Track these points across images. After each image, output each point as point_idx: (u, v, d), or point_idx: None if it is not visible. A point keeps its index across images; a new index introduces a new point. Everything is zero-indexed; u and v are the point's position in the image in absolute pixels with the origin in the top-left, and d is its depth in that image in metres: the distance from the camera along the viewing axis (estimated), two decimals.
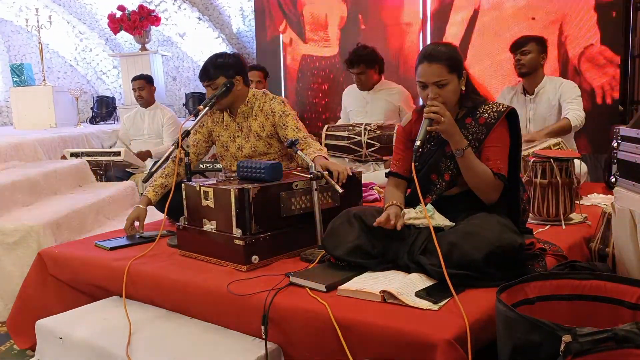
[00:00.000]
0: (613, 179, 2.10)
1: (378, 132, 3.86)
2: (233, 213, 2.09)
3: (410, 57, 4.89)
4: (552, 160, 2.55)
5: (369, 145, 3.85)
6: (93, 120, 6.92)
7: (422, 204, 1.91)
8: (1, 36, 7.65)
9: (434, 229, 1.86)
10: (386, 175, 2.21)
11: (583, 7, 4.12)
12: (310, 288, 1.82)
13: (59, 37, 7.39)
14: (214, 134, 2.88)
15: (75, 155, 4.53)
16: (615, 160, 2.09)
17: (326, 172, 2.27)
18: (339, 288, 1.78)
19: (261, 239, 2.12)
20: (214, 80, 2.68)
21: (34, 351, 2.21)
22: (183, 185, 2.31)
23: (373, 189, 3.42)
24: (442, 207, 2.04)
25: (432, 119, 1.91)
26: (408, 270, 1.86)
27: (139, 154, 4.78)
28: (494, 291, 1.46)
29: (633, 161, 1.99)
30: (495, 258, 1.76)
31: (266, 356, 1.72)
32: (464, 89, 2.03)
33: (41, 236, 2.87)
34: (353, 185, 2.46)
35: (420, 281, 1.78)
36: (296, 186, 2.26)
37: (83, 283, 2.39)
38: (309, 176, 2.23)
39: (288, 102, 2.83)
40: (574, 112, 3.35)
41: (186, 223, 2.30)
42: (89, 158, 4.46)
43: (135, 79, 5.04)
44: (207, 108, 2.57)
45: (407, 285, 1.74)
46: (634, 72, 4.12)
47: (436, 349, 1.44)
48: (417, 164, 2.00)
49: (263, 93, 2.82)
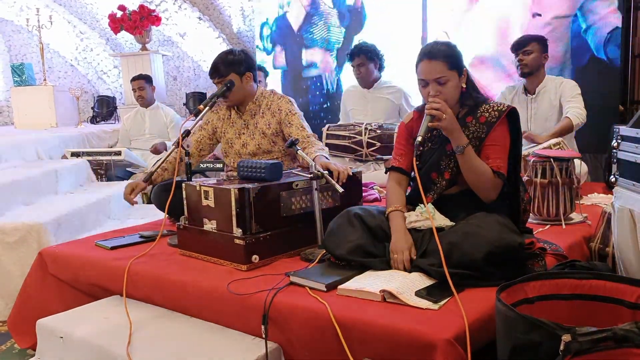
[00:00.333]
0: (613, 179, 2.10)
1: (379, 132, 3.86)
2: (233, 212, 2.09)
3: None
4: (552, 160, 2.55)
5: (370, 144, 3.85)
6: (94, 120, 6.92)
7: (425, 203, 1.91)
8: (2, 36, 7.65)
9: (436, 230, 1.86)
10: (387, 169, 2.20)
11: None
12: (310, 287, 1.82)
13: (60, 37, 7.39)
14: (219, 131, 2.89)
15: (75, 155, 4.53)
16: (615, 159, 2.09)
17: (326, 172, 2.28)
18: (339, 288, 1.78)
19: (261, 239, 2.12)
20: (225, 77, 2.70)
21: (35, 350, 2.21)
22: (183, 185, 2.31)
23: (373, 189, 3.42)
24: (442, 206, 2.04)
25: (434, 116, 1.92)
26: (410, 271, 1.85)
27: (154, 149, 4.74)
28: (494, 291, 1.46)
29: (633, 161, 1.99)
30: (495, 257, 1.76)
31: (266, 355, 1.72)
32: (465, 87, 2.04)
33: (42, 235, 2.87)
34: (353, 184, 2.47)
35: (420, 281, 1.78)
36: (296, 186, 2.26)
37: (83, 282, 2.40)
38: (309, 176, 2.24)
39: (295, 103, 2.86)
40: (574, 110, 3.34)
41: (186, 223, 2.31)
42: (90, 158, 4.47)
43: (134, 79, 5.03)
44: (208, 107, 2.57)
45: (407, 284, 1.74)
46: (634, 72, 4.12)
47: (436, 348, 1.44)
48: (418, 162, 2.00)
49: (271, 92, 2.85)
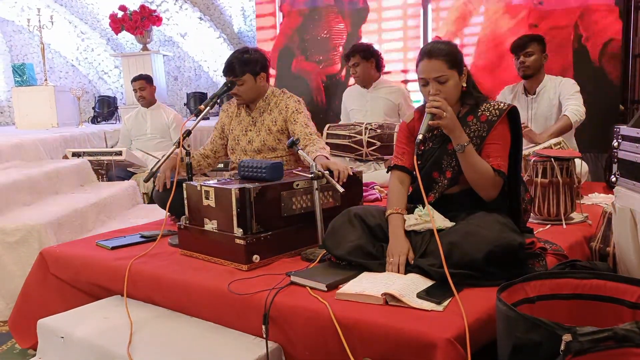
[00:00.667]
0: (614, 179, 2.10)
1: (379, 131, 3.86)
2: (234, 212, 2.09)
3: None
4: (553, 159, 2.55)
5: (370, 144, 3.85)
6: (95, 120, 6.93)
7: (427, 203, 1.91)
8: (3, 36, 7.66)
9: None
10: (389, 169, 2.20)
11: None
12: (311, 287, 1.82)
13: (61, 37, 7.41)
14: (227, 128, 2.93)
15: (76, 154, 4.53)
16: (615, 159, 2.09)
17: (327, 172, 2.28)
18: (337, 293, 1.76)
19: (262, 239, 2.13)
20: (241, 77, 2.72)
21: (36, 350, 2.21)
22: (184, 184, 2.31)
23: (374, 189, 3.42)
24: (443, 206, 2.04)
25: (434, 114, 1.92)
26: (408, 272, 1.85)
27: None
28: (494, 290, 1.46)
29: (634, 160, 1.99)
30: (495, 257, 1.76)
31: (267, 355, 1.72)
32: (465, 86, 2.04)
33: (43, 235, 2.87)
34: (354, 184, 2.47)
35: (419, 282, 1.77)
36: (297, 186, 2.26)
37: (84, 282, 2.40)
38: (310, 176, 2.24)
39: (304, 103, 2.88)
40: (572, 108, 3.34)
41: (187, 222, 2.31)
42: (91, 158, 4.47)
43: (135, 80, 5.03)
44: (208, 107, 2.58)
45: (408, 286, 1.73)
46: (635, 72, 4.12)
47: (436, 348, 1.44)
48: (419, 162, 2.00)
49: (282, 91, 2.88)
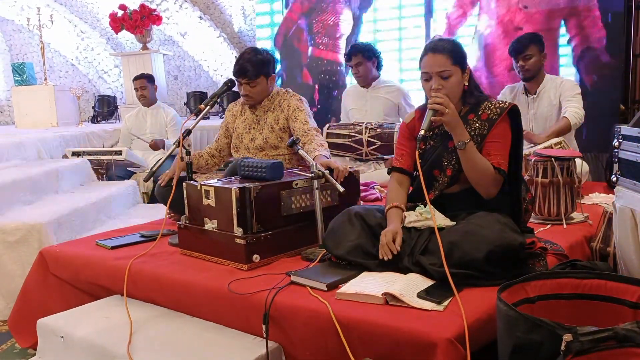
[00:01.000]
0: (614, 178, 2.10)
1: (379, 131, 3.86)
2: (234, 212, 2.09)
3: None
4: (554, 159, 2.55)
5: (370, 143, 3.85)
6: (94, 119, 6.92)
7: (428, 201, 1.91)
8: (3, 35, 7.66)
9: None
10: (389, 171, 2.20)
11: None
12: (311, 287, 1.82)
13: (61, 36, 7.40)
14: (231, 127, 2.96)
15: (76, 154, 4.53)
16: (616, 159, 2.09)
17: (327, 171, 2.28)
18: (338, 292, 1.75)
19: (262, 238, 2.12)
20: (255, 79, 2.75)
21: (35, 350, 2.21)
22: (184, 184, 2.31)
23: (374, 188, 3.41)
24: (443, 205, 2.04)
25: (436, 110, 1.92)
26: (408, 272, 1.85)
27: (154, 143, 4.73)
28: (495, 290, 1.46)
29: (634, 160, 1.99)
30: (495, 257, 1.75)
31: (267, 355, 1.72)
32: (467, 85, 2.04)
33: (42, 235, 2.87)
34: (351, 183, 2.47)
35: (419, 281, 1.77)
36: (297, 185, 2.26)
37: (84, 282, 2.40)
38: (310, 175, 2.23)
39: (306, 102, 2.91)
40: (572, 110, 3.33)
41: (187, 222, 2.30)
42: (91, 157, 4.47)
43: (136, 78, 5.03)
44: (208, 107, 2.57)
45: (409, 286, 1.73)
46: (635, 71, 4.11)
47: (437, 348, 1.44)
48: (420, 160, 2.00)
49: (286, 91, 2.92)
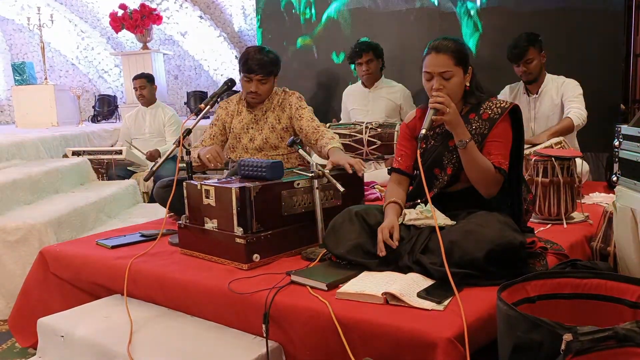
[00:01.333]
0: (614, 178, 2.10)
1: (379, 130, 3.85)
2: (234, 211, 2.09)
3: None
4: (554, 159, 2.55)
5: (370, 143, 3.85)
6: (95, 118, 6.93)
7: (429, 198, 1.91)
8: (3, 35, 7.66)
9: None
10: (389, 171, 2.21)
11: None
12: (311, 287, 1.82)
13: (61, 36, 7.41)
14: (227, 126, 2.94)
15: (77, 153, 4.53)
16: (616, 159, 2.09)
17: (327, 171, 2.27)
18: (338, 292, 1.75)
19: (262, 238, 2.12)
20: (268, 77, 2.78)
21: (36, 349, 2.21)
22: (184, 183, 2.31)
23: (374, 188, 3.41)
24: (444, 204, 2.04)
25: (438, 110, 1.92)
26: (409, 271, 1.85)
27: (150, 154, 4.75)
28: (495, 290, 1.46)
29: (634, 160, 1.99)
30: (496, 256, 1.75)
31: (267, 355, 1.72)
32: (469, 85, 2.04)
33: (43, 234, 2.87)
34: (355, 183, 2.46)
35: (420, 281, 1.77)
36: (297, 185, 2.26)
37: (84, 281, 2.40)
38: (310, 175, 2.23)
39: (304, 99, 2.92)
40: (576, 111, 3.32)
41: (187, 221, 2.30)
42: (91, 157, 4.47)
43: (136, 78, 5.03)
44: (209, 106, 2.57)
45: (409, 285, 1.73)
46: (636, 71, 4.11)
47: (437, 348, 1.44)
48: (421, 159, 2.00)
49: (283, 90, 2.92)
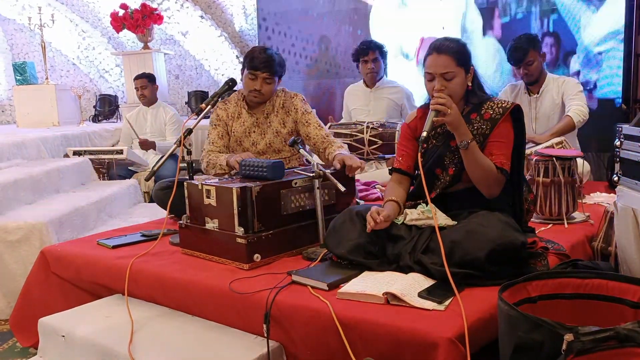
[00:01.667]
0: (616, 178, 2.10)
1: (380, 130, 3.86)
2: (235, 211, 2.09)
3: None
4: (555, 158, 2.55)
5: (371, 142, 3.85)
6: (96, 118, 6.92)
7: (429, 199, 1.91)
8: (4, 34, 7.66)
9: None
10: (390, 171, 2.21)
11: None
12: (312, 286, 1.82)
13: (62, 36, 7.40)
14: (229, 128, 2.88)
15: (77, 153, 4.53)
16: (618, 158, 2.09)
17: (328, 171, 2.27)
18: (339, 292, 1.75)
19: (263, 237, 2.12)
20: (273, 76, 2.73)
21: (37, 349, 2.21)
22: (185, 183, 2.31)
23: (375, 188, 3.41)
24: (445, 204, 2.04)
25: (439, 111, 1.92)
26: (410, 271, 1.85)
27: (143, 142, 4.74)
28: (496, 290, 1.46)
29: (636, 160, 1.99)
30: (497, 256, 1.75)
31: (268, 354, 1.72)
32: (470, 85, 2.04)
33: (44, 234, 2.87)
34: (346, 181, 2.46)
35: (420, 281, 1.77)
36: (298, 184, 2.26)
37: (85, 281, 2.40)
38: (311, 174, 2.23)
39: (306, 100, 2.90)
40: (576, 108, 3.33)
41: (188, 221, 2.30)
42: (92, 156, 4.47)
43: (137, 78, 5.04)
44: (210, 106, 2.57)
45: (410, 285, 1.73)
46: (637, 71, 4.11)
47: (438, 348, 1.44)
48: (422, 159, 2.00)
49: (282, 90, 2.87)
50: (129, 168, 4.74)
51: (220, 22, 7.11)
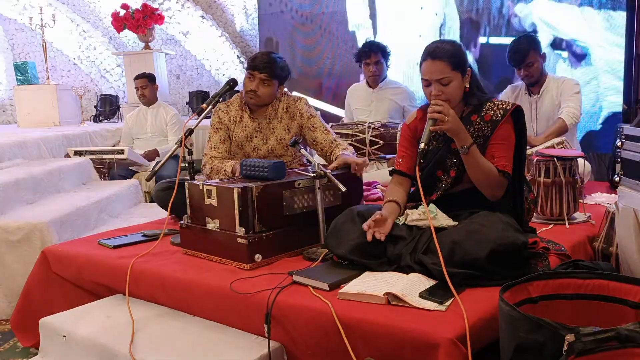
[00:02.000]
0: (617, 178, 2.10)
1: (382, 130, 3.85)
2: (236, 212, 2.09)
3: None
4: (556, 159, 2.55)
5: (373, 143, 3.85)
6: (96, 118, 6.93)
7: (425, 205, 1.91)
8: (5, 34, 7.67)
9: (437, 229, 1.86)
10: (390, 173, 2.21)
11: None
12: (313, 287, 1.82)
13: (63, 36, 7.41)
14: (230, 132, 2.84)
15: (78, 153, 4.54)
16: (619, 159, 2.08)
17: (329, 171, 2.27)
18: (340, 292, 1.75)
19: (264, 238, 2.12)
20: (272, 79, 2.67)
21: (38, 349, 2.21)
22: (186, 183, 2.31)
23: (376, 188, 3.41)
24: (446, 204, 2.03)
25: (436, 119, 1.91)
26: (410, 271, 1.85)
27: (147, 154, 4.76)
28: (497, 290, 1.46)
29: (637, 160, 1.99)
30: (498, 256, 1.75)
31: (269, 354, 1.72)
32: (468, 87, 2.03)
33: (45, 234, 2.87)
34: (354, 183, 2.46)
35: (421, 281, 1.77)
36: (299, 185, 2.26)
37: (86, 281, 2.40)
38: (312, 175, 2.23)
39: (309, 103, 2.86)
40: (568, 110, 3.33)
41: (189, 221, 2.31)
42: (93, 156, 4.47)
43: (137, 78, 5.03)
44: (210, 106, 2.57)
45: (411, 286, 1.73)
46: (638, 71, 4.11)
47: (439, 348, 1.44)
48: (423, 161, 1.99)
49: (285, 94, 2.81)
50: (130, 168, 4.74)
51: (221, 22, 7.12)
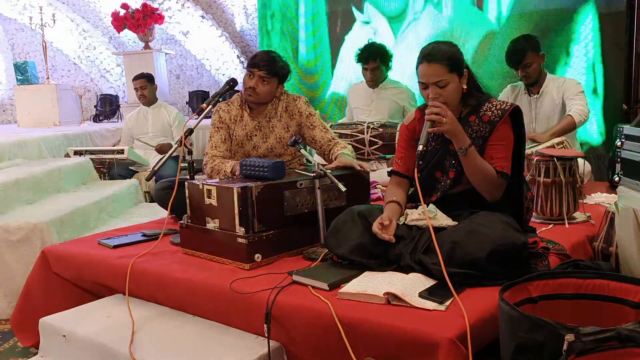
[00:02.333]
0: (617, 178, 2.10)
1: (381, 130, 3.85)
2: (236, 211, 2.09)
3: None
4: (556, 159, 2.55)
5: (372, 143, 3.85)
6: (96, 118, 6.93)
7: (424, 206, 1.91)
8: (5, 34, 7.67)
9: (437, 229, 1.86)
10: (388, 174, 2.21)
11: None
12: (313, 287, 1.82)
13: (63, 35, 7.42)
14: (230, 131, 2.84)
15: (78, 153, 4.54)
16: (619, 159, 2.09)
17: (329, 171, 2.27)
18: (339, 292, 1.75)
19: (264, 237, 2.12)
20: (271, 77, 2.67)
21: (38, 349, 2.21)
22: (186, 183, 2.31)
23: (376, 188, 3.41)
24: (446, 205, 2.03)
25: (434, 121, 1.91)
26: (410, 271, 1.85)
27: (160, 147, 4.74)
28: (497, 290, 1.46)
29: (637, 160, 1.99)
30: (498, 256, 1.75)
31: (269, 354, 1.72)
32: (466, 88, 2.02)
33: (45, 234, 2.87)
34: (360, 185, 2.46)
35: (421, 281, 1.77)
36: (300, 185, 2.25)
37: (86, 281, 2.40)
38: (312, 175, 2.23)
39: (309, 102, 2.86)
40: (577, 108, 3.31)
41: (189, 221, 2.31)
42: (93, 156, 4.48)
43: (136, 78, 5.00)
44: (210, 106, 2.57)
45: (410, 286, 1.73)
46: (638, 71, 4.11)
47: (439, 348, 1.44)
48: (422, 162, 1.99)
49: (284, 93, 2.81)
50: (130, 168, 4.74)
51: (221, 22, 7.12)
